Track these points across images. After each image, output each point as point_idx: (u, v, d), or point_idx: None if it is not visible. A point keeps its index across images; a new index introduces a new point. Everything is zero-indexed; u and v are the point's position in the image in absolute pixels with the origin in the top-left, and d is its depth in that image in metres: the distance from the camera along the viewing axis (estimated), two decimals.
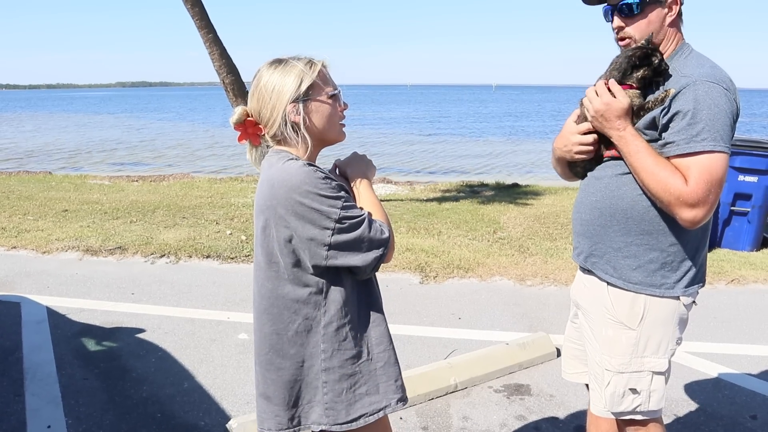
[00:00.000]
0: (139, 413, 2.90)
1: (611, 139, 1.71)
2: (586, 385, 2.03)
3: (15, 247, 5.77)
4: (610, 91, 1.70)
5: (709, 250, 1.87)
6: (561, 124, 1.91)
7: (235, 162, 15.22)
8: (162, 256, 5.50)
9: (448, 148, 20.50)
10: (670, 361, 1.79)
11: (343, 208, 1.48)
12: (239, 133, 1.61)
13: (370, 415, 1.60)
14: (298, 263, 1.52)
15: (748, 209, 5.77)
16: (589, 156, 1.80)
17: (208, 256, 5.48)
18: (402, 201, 8.52)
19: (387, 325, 1.67)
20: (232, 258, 5.45)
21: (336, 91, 1.60)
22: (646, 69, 1.68)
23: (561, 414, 2.92)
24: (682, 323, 1.79)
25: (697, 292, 1.78)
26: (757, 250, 5.88)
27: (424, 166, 15.79)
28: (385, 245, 1.54)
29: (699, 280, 1.78)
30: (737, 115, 1.64)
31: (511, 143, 22.00)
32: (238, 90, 7.61)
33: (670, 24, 1.72)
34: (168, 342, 3.71)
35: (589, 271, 1.88)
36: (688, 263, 1.73)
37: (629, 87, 1.71)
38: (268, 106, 1.55)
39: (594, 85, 1.76)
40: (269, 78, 1.55)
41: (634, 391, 1.78)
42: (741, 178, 5.69)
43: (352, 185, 1.65)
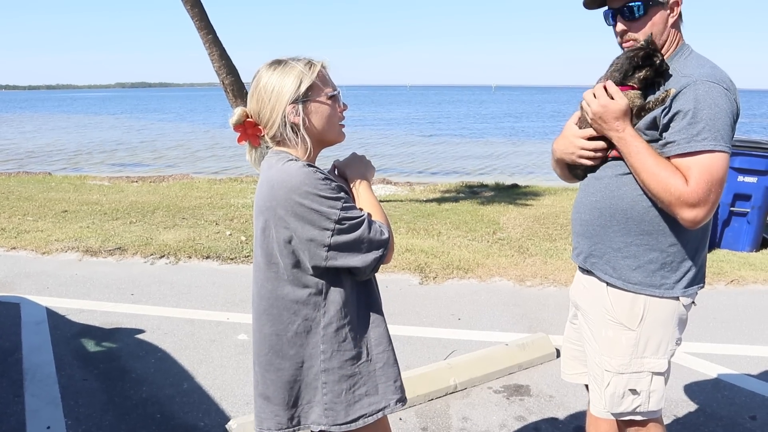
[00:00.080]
0: (138, 414, 2.90)
1: (612, 141, 1.71)
2: (586, 385, 2.03)
3: (15, 248, 5.77)
4: (608, 93, 1.70)
5: (709, 250, 1.87)
6: (561, 125, 1.91)
7: (236, 163, 15.21)
8: (161, 257, 5.50)
9: (448, 149, 20.48)
10: (669, 362, 1.79)
11: (342, 209, 1.48)
12: (239, 134, 1.61)
13: (369, 416, 1.60)
14: (297, 264, 1.52)
15: (748, 210, 5.77)
16: (594, 162, 1.79)
17: (207, 257, 5.48)
18: (401, 202, 8.52)
19: (386, 325, 1.67)
20: (232, 259, 5.45)
21: (335, 92, 1.60)
22: (648, 70, 1.68)
23: (560, 415, 2.92)
24: (682, 324, 1.79)
25: (696, 293, 1.79)
26: (756, 251, 5.88)
27: (423, 167, 15.77)
28: (384, 246, 1.54)
29: (699, 280, 1.78)
30: (737, 115, 1.64)
31: (512, 144, 21.97)
32: (238, 91, 7.62)
33: (672, 25, 1.73)
34: (167, 343, 3.71)
35: (588, 272, 1.88)
36: (687, 264, 1.74)
37: (630, 88, 1.71)
38: (268, 106, 1.55)
39: (593, 87, 1.77)
40: (269, 79, 1.55)
41: (633, 391, 1.78)
42: (740, 178, 5.69)
43: (352, 186, 1.65)
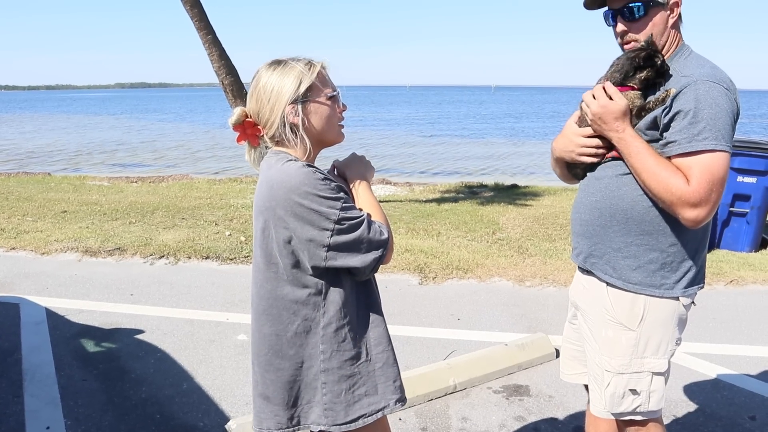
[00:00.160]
0: (138, 414, 2.90)
1: (612, 141, 1.71)
2: (585, 386, 2.03)
3: (14, 248, 5.77)
4: (606, 94, 1.70)
5: (708, 251, 1.87)
6: (561, 125, 1.91)
7: (236, 163, 15.20)
8: (161, 257, 5.50)
9: (448, 149, 20.47)
10: (669, 362, 1.79)
11: (342, 209, 1.48)
12: (238, 133, 1.61)
13: (368, 416, 1.60)
14: (297, 264, 1.52)
15: (747, 210, 5.77)
16: (595, 160, 1.79)
17: (207, 257, 5.48)
18: (401, 202, 8.52)
19: (386, 325, 1.67)
20: (231, 259, 5.45)
21: (335, 93, 1.60)
22: (649, 70, 1.68)
23: (560, 415, 2.92)
24: (682, 324, 1.79)
25: (696, 293, 1.79)
26: (755, 251, 5.88)
27: (423, 167, 15.76)
28: (384, 246, 1.54)
29: (699, 281, 1.78)
30: (737, 115, 1.64)
31: (512, 145, 21.96)
32: (237, 91, 7.62)
33: (672, 26, 1.73)
34: (167, 343, 3.71)
35: (588, 272, 1.88)
36: (687, 264, 1.74)
37: (630, 88, 1.70)
38: (267, 107, 1.55)
39: (592, 89, 1.77)
40: (268, 79, 1.55)
41: (634, 391, 1.78)
42: (740, 179, 5.69)
43: (351, 186, 1.65)
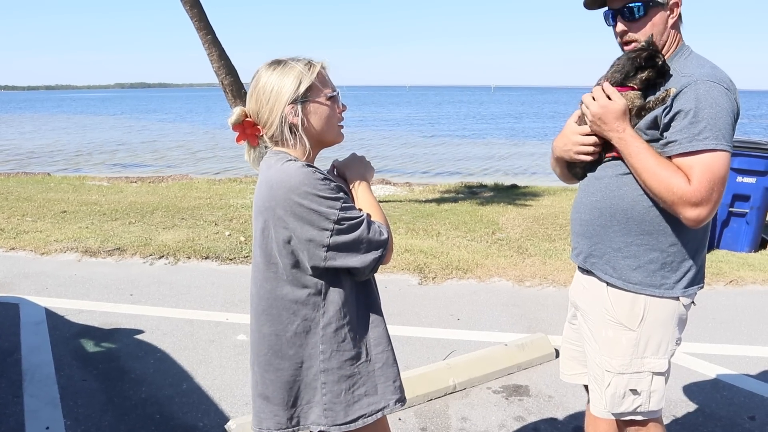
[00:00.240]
0: (137, 414, 2.90)
1: (612, 142, 1.71)
2: (585, 386, 2.03)
3: (14, 249, 5.76)
4: (606, 94, 1.70)
5: (708, 251, 1.87)
6: (560, 125, 1.91)
7: (237, 164, 15.19)
8: (161, 257, 5.50)
9: (448, 149, 20.48)
10: (669, 362, 1.79)
11: (341, 209, 1.48)
12: (238, 133, 1.61)
13: (368, 416, 1.60)
14: (296, 264, 1.52)
15: (747, 210, 5.77)
16: (592, 158, 1.80)
17: (206, 257, 5.48)
18: (401, 202, 8.52)
19: (386, 326, 1.67)
20: (231, 259, 5.45)
21: (335, 93, 1.60)
22: (650, 70, 1.68)
23: (560, 415, 2.92)
24: (682, 324, 1.79)
25: (696, 293, 1.79)
26: (755, 251, 5.88)
27: (423, 168, 15.77)
28: (383, 246, 1.54)
29: (698, 281, 1.78)
30: (738, 115, 1.64)
31: (512, 145, 21.96)
32: (237, 91, 7.62)
33: (672, 26, 1.73)
34: (167, 343, 3.71)
35: (588, 272, 1.88)
36: (688, 264, 1.74)
37: (630, 89, 1.71)
38: (267, 107, 1.54)
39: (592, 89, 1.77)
40: (268, 79, 1.55)
41: (634, 391, 1.78)
42: (739, 179, 5.69)
43: (351, 187, 1.65)
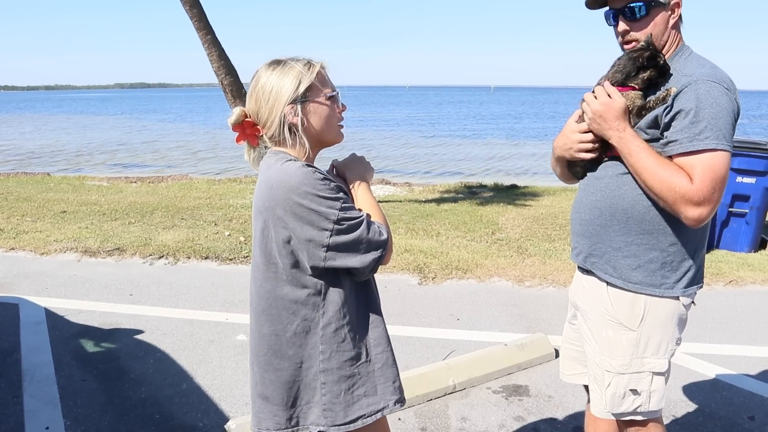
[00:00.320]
0: (137, 414, 2.90)
1: (611, 141, 1.71)
2: (585, 386, 2.03)
3: (13, 249, 5.76)
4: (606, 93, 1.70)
5: (707, 251, 1.87)
6: (561, 125, 1.91)
7: (238, 164, 15.18)
8: (160, 258, 5.50)
9: (449, 150, 20.47)
10: (669, 362, 1.79)
11: (341, 210, 1.48)
12: (237, 134, 1.61)
13: (368, 417, 1.60)
14: (296, 264, 1.52)
15: (746, 210, 5.77)
16: (592, 156, 1.79)
17: (206, 257, 5.48)
18: (400, 202, 8.52)
19: (385, 326, 1.67)
20: (231, 259, 5.45)
21: (334, 93, 1.60)
22: (652, 70, 1.68)
23: (559, 415, 2.92)
24: (682, 324, 1.79)
25: (696, 293, 1.79)
26: (755, 252, 5.88)
27: (423, 168, 15.76)
28: (383, 247, 1.53)
29: (698, 280, 1.78)
30: (738, 115, 1.64)
31: (513, 146, 21.94)
32: (237, 91, 7.62)
33: (672, 26, 1.73)
34: (166, 343, 3.71)
35: (588, 272, 1.88)
36: (687, 263, 1.74)
37: (630, 89, 1.71)
38: (266, 107, 1.54)
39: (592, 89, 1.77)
40: (267, 79, 1.55)
41: (634, 391, 1.78)
42: (739, 179, 5.69)
43: (351, 187, 1.65)
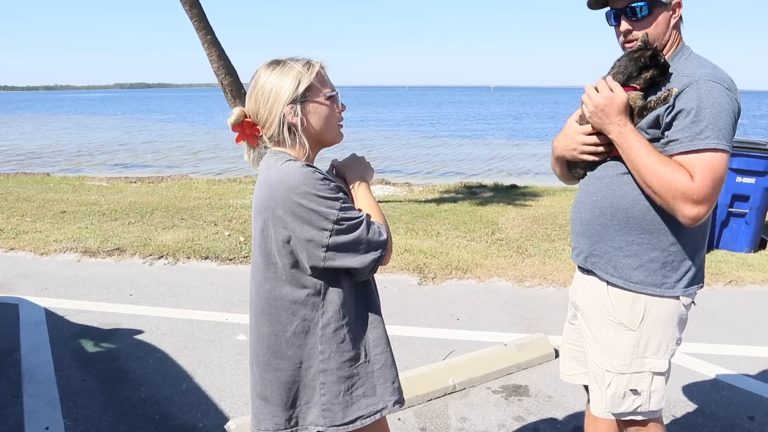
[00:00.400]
0: (137, 414, 2.90)
1: (610, 136, 1.70)
2: (585, 386, 2.03)
3: (13, 249, 5.76)
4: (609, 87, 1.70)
5: (707, 251, 1.87)
6: (560, 125, 1.91)
7: (239, 164, 15.17)
8: (160, 258, 5.50)
9: (449, 150, 20.46)
10: (670, 362, 1.79)
11: (341, 210, 1.48)
12: (237, 134, 1.61)
13: (367, 417, 1.60)
14: (296, 264, 1.52)
15: (746, 211, 5.77)
16: (596, 158, 1.79)
17: (206, 258, 5.48)
18: (400, 202, 8.52)
19: (385, 326, 1.66)
20: (231, 259, 5.45)
21: (334, 93, 1.60)
22: (654, 69, 1.68)
23: (559, 415, 2.92)
24: (682, 323, 1.79)
25: (696, 293, 1.79)
26: (754, 252, 5.88)
27: (424, 168, 15.76)
28: (383, 247, 1.53)
29: (698, 280, 1.78)
30: (738, 115, 1.64)
31: (513, 146, 21.93)
32: (236, 91, 7.62)
33: (673, 26, 1.73)
34: (166, 343, 3.71)
35: (588, 272, 1.88)
36: (688, 263, 1.74)
37: (632, 89, 1.70)
38: (266, 107, 1.54)
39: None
40: (267, 79, 1.55)
41: (634, 391, 1.78)
42: (739, 179, 5.69)
43: (351, 187, 1.65)
